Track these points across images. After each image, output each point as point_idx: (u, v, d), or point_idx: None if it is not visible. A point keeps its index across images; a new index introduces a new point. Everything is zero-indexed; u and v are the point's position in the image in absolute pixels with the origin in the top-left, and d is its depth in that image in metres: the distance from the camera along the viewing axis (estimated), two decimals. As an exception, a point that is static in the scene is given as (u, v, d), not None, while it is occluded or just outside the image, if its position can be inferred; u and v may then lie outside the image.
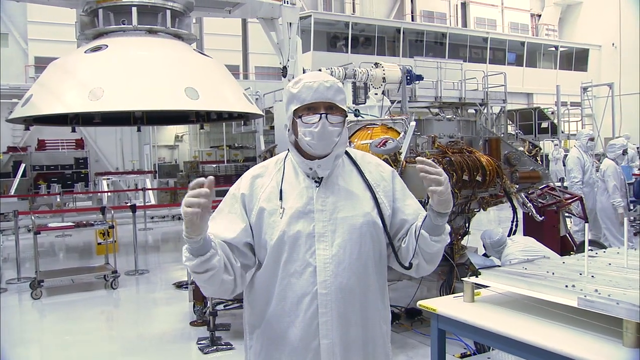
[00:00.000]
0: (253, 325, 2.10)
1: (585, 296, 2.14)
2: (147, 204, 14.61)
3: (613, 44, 29.76)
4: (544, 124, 22.07)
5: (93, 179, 18.18)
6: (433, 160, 5.04)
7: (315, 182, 2.03)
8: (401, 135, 5.28)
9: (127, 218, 11.65)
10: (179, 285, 7.60)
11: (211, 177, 1.75)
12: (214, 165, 19.42)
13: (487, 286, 2.67)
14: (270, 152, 6.44)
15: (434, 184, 1.88)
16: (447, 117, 5.67)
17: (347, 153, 2.14)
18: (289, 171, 2.07)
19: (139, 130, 13.70)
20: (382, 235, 2.05)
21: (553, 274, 2.55)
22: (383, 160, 3.65)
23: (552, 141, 20.40)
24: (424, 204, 2.11)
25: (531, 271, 2.64)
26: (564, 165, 16.13)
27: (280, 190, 2.02)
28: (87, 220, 8.94)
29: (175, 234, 13.85)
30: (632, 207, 8.78)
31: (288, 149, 2.11)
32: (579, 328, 2.15)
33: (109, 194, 16.08)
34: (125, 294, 7.60)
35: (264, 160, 6.69)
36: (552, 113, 22.73)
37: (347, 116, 2.02)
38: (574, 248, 5.95)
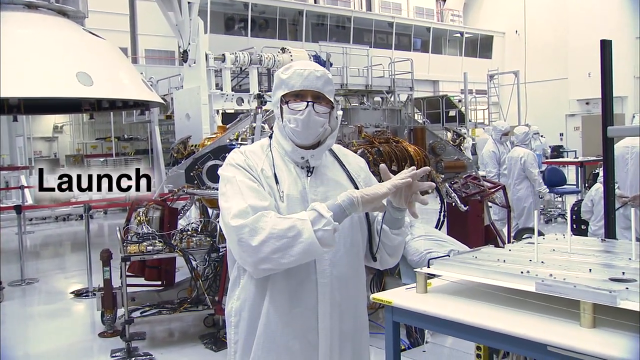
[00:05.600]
0: (241, 316, 2.14)
1: (542, 281, 2.38)
2: (25, 204, 13.78)
3: (516, 32, 31.58)
4: (452, 112, 23.20)
5: (-47, 176, 16.87)
6: (362, 152, 5.27)
7: (308, 171, 2.14)
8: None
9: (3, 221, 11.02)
10: (79, 294, 7.32)
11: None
12: (102, 159, 18.63)
13: (439, 276, 2.88)
14: (184, 144, 6.38)
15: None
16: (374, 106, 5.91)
17: None
18: (277, 158, 2.16)
19: (15, 120, 12.89)
20: (365, 225, 2.21)
21: (504, 261, 2.80)
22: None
23: (460, 129, 21.49)
24: None
25: (482, 259, 2.88)
26: (473, 153, 17.10)
27: (275, 174, 2.10)
28: (-38, 224, 8.35)
29: (59, 237, 13.22)
30: (541, 196, 9.50)
31: (269, 136, 2.20)
32: (535, 312, 2.36)
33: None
34: (12, 307, 7.11)
35: (177, 152, 6.64)
36: (460, 101, 23.91)
37: (333, 108, 2.14)
38: (497, 237, 6.40)
